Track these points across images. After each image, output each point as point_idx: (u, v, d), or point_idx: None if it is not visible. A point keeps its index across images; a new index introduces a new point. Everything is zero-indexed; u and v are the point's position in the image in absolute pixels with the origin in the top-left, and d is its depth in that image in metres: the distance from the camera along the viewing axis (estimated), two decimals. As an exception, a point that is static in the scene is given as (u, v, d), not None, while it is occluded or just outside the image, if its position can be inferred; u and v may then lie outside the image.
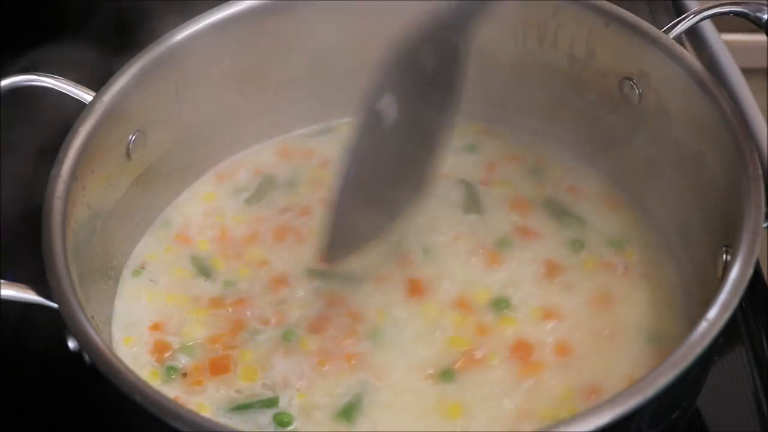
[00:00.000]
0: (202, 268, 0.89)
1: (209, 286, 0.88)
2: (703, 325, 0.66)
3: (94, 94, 0.83)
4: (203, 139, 0.95)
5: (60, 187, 0.76)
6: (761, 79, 1.31)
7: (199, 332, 0.84)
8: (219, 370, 0.81)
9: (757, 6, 0.82)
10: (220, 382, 0.80)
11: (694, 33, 1.13)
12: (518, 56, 0.95)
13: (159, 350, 0.83)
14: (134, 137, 0.86)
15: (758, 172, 0.74)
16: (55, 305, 0.70)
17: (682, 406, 0.74)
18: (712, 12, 0.84)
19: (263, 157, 0.99)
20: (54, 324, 0.71)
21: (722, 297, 0.68)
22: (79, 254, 0.77)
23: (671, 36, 0.85)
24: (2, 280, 0.71)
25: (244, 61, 0.93)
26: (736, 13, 0.83)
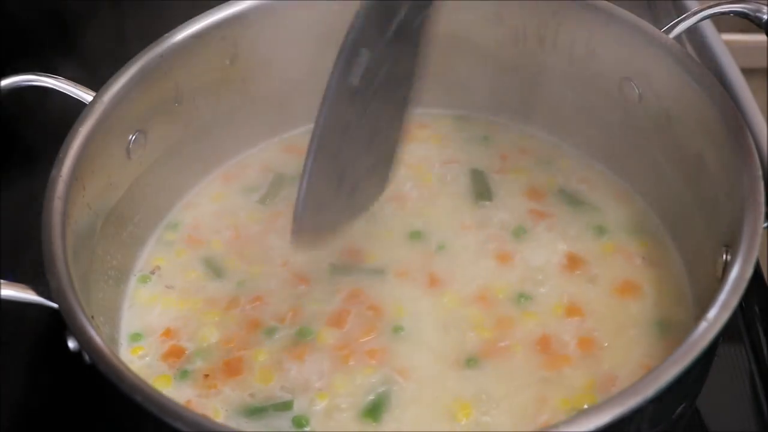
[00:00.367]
0: (217, 269, 0.88)
1: (224, 286, 0.87)
2: (703, 325, 0.66)
3: (94, 94, 0.83)
4: (204, 139, 0.95)
5: (60, 187, 0.76)
6: (761, 79, 1.31)
7: (213, 334, 0.83)
8: (233, 372, 0.80)
9: (757, 6, 0.82)
10: (236, 385, 0.79)
11: (694, 33, 1.13)
12: (518, 56, 0.95)
13: (172, 355, 0.82)
14: (134, 137, 0.86)
15: (758, 172, 0.74)
16: (55, 305, 0.70)
17: (682, 406, 0.74)
18: (712, 12, 0.84)
19: (268, 154, 0.99)
20: (54, 324, 0.71)
21: (722, 297, 0.68)
22: (79, 254, 0.77)
23: (671, 36, 0.85)
24: (2, 280, 0.71)
25: (244, 61, 0.93)
26: (736, 13, 0.83)
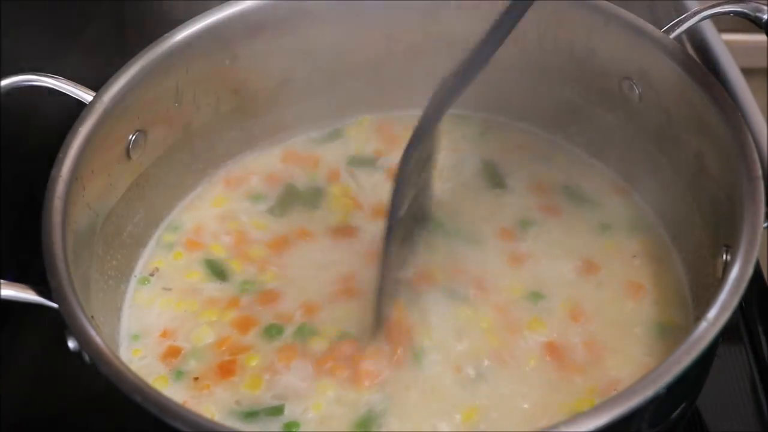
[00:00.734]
0: (217, 271, 0.88)
1: (224, 289, 0.87)
2: (703, 325, 0.66)
3: (94, 94, 0.83)
4: (204, 139, 0.95)
5: (60, 187, 0.76)
6: (761, 79, 1.31)
7: (209, 336, 0.83)
8: (226, 373, 0.80)
9: (757, 6, 0.82)
10: (228, 386, 0.79)
11: (694, 33, 1.13)
12: (518, 56, 0.95)
13: (170, 356, 0.82)
14: (134, 137, 0.86)
15: (758, 172, 0.74)
16: (55, 305, 0.70)
17: (682, 406, 0.74)
18: (712, 12, 0.84)
19: (270, 160, 0.99)
20: (54, 324, 0.71)
21: (722, 297, 0.68)
22: (79, 254, 0.77)
23: (671, 36, 0.85)
24: (2, 280, 0.71)
25: (245, 61, 0.93)
26: (736, 13, 0.83)
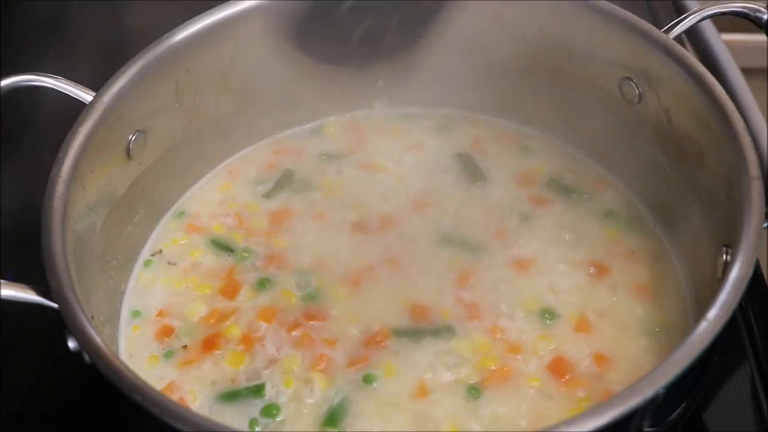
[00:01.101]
0: (221, 245, 0.91)
1: (226, 259, 0.89)
2: (703, 325, 0.66)
3: (94, 94, 0.83)
4: (204, 138, 0.95)
5: (60, 187, 0.76)
6: (761, 79, 1.31)
7: (201, 309, 0.85)
8: (211, 347, 0.82)
9: (757, 6, 0.82)
10: (212, 362, 0.81)
11: (694, 33, 1.13)
12: (518, 56, 0.95)
13: (163, 334, 0.84)
14: (134, 137, 0.86)
15: (758, 172, 0.74)
16: (55, 305, 0.70)
17: (682, 406, 0.73)
18: (712, 12, 0.84)
19: (270, 150, 1.00)
20: (54, 324, 0.71)
21: (722, 297, 0.68)
22: (79, 254, 0.77)
23: (671, 36, 0.85)
24: (2, 280, 0.71)
25: (244, 61, 0.93)
26: (736, 13, 0.83)
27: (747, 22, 0.83)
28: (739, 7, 0.83)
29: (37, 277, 0.72)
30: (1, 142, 0.98)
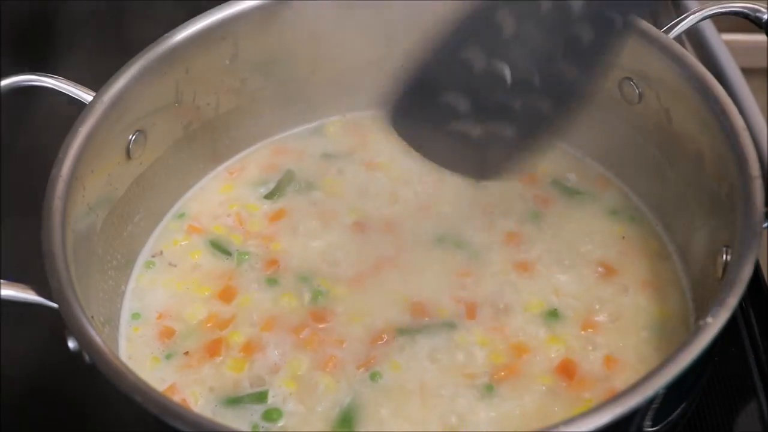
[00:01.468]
0: (221, 248, 0.90)
1: (226, 262, 0.89)
2: (703, 325, 0.66)
3: (94, 94, 0.83)
4: (204, 139, 0.95)
5: (60, 187, 0.76)
6: (761, 79, 1.30)
7: (201, 312, 0.85)
8: (213, 353, 0.82)
9: (756, 6, 0.82)
10: (214, 366, 0.81)
11: (694, 33, 1.13)
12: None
13: (165, 336, 0.84)
14: (134, 137, 0.86)
15: (758, 172, 0.74)
16: (55, 305, 0.70)
17: (682, 406, 0.73)
18: (712, 12, 0.84)
19: (271, 152, 1.00)
20: (54, 324, 0.71)
21: (722, 297, 0.68)
22: (79, 254, 0.77)
23: (671, 36, 0.85)
24: (2, 280, 0.71)
25: (244, 61, 0.93)
26: (736, 13, 0.83)
27: (747, 22, 0.83)
28: (739, 7, 0.83)
29: (37, 277, 0.72)
30: (1, 142, 0.98)
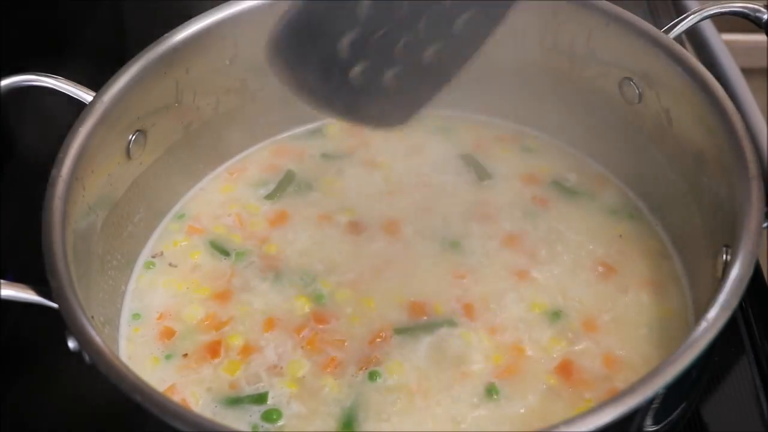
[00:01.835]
0: (220, 248, 0.91)
1: (225, 262, 0.89)
2: (703, 325, 0.66)
3: (94, 94, 0.83)
4: (204, 139, 0.95)
5: (60, 187, 0.76)
6: (761, 79, 1.31)
7: (199, 312, 0.85)
8: (212, 350, 0.82)
9: (756, 6, 0.82)
10: (214, 367, 0.81)
11: (694, 33, 1.13)
12: (518, 56, 0.95)
13: (165, 336, 0.84)
14: (134, 137, 0.86)
15: (758, 172, 0.74)
16: (55, 305, 0.70)
17: (682, 406, 0.74)
18: (712, 12, 0.84)
19: (271, 153, 1.00)
20: (54, 324, 0.71)
21: (722, 297, 0.68)
22: (79, 254, 0.77)
23: (671, 36, 0.85)
24: (2, 280, 0.71)
25: (244, 61, 0.93)
26: (736, 13, 0.83)
27: (747, 22, 0.83)
28: (739, 7, 0.83)
29: (37, 277, 0.72)
30: (1, 142, 0.98)
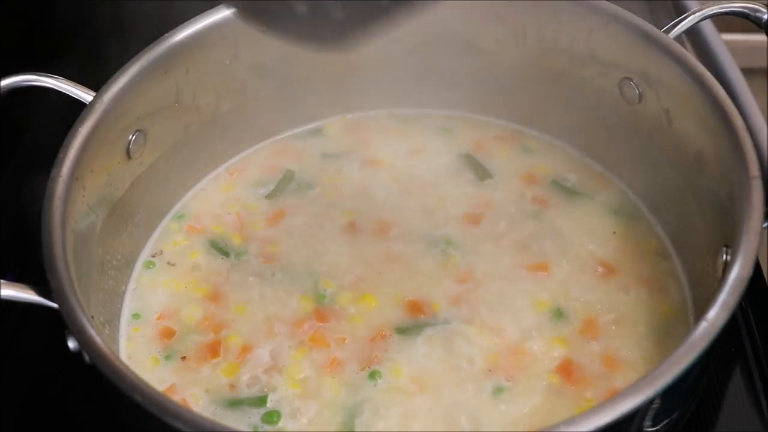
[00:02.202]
0: (219, 248, 0.91)
1: (225, 262, 0.89)
2: (703, 325, 0.66)
3: (94, 94, 0.83)
4: (204, 139, 0.95)
5: (60, 187, 0.76)
6: (761, 79, 1.31)
7: (198, 312, 0.85)
8: (212, 351, 0.82)
9: (757, 6, 0.82)
10: (213, 367, 0.81)
11: (694, 33, 1.13)
12: (518, 56, 0.95)
13: (165, 336, 0.84)
14: (134, 137, 0.86)
15: (758, 172, 0.74)
16: (55, 305, 0.70)
17: (682, 406, 0.74)
18: (712, 12, 0.84)
19: (272, 153, 1.00)
20: (54, 324, 0.71)
21: (722, 297, 0.68)
22: (79, 254, 0.77)
23: (671, 36, 0.85)
24: (2, 280, 0.71)
25: (244, 61, 0.93)
26: (736, 13, 0.83)
27: (747, 22, 0.83)
28: (739, 7, 0.83)
29: (37, 277, 0.72)
30: (1, 142, 0.98)
